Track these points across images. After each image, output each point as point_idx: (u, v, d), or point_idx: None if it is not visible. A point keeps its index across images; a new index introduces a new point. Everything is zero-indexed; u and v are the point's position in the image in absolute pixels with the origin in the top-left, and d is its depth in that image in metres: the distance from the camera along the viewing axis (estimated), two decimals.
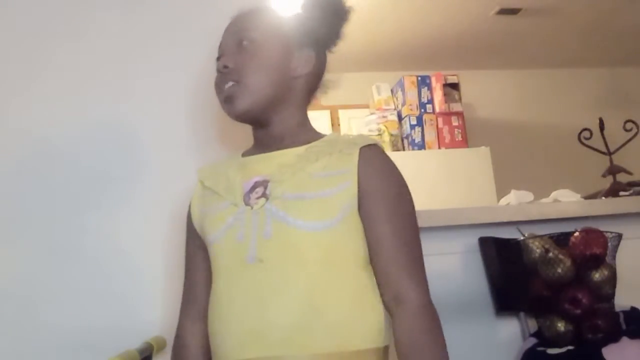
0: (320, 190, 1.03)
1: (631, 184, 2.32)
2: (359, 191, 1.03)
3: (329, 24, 1.16)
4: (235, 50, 1.11)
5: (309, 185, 1.03)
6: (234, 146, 1.35)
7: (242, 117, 1.12)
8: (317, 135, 1.14)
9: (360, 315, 1.02)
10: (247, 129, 1.19)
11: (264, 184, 1.06)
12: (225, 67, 1.09)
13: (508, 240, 1.70)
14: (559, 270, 1.56)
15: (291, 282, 1.00)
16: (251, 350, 0.99)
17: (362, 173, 1.04)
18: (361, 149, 1.06)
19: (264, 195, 1.05)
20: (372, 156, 1.07)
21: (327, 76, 1.24)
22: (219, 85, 1.12)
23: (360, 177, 1.04)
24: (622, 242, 1.63)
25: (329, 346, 0.98)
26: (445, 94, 4.16)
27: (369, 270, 1.05)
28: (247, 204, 1.05)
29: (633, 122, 2.53)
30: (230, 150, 1.34)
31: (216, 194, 1.11)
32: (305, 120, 1.17)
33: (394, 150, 4.05)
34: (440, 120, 4.13)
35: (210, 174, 1.17)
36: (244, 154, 1.17)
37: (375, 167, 1.06)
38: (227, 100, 1.10)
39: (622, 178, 2.42)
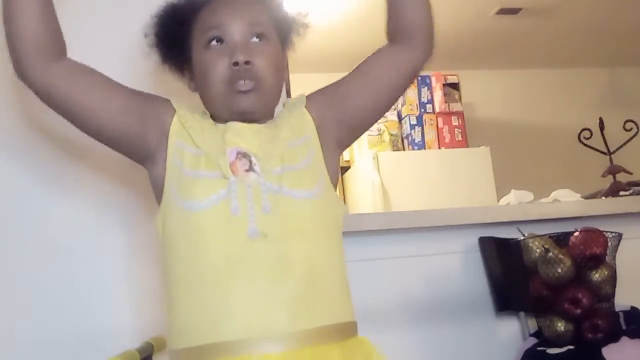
0: (300, 160, 1.07)
1: (631, 184, 2.32)
2: (323, 123, 1.14)
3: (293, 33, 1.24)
4: (249, 45, 1.10)
5: (291, 157, 1.07)
6: None
7: (248, 114, 1.10)
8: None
9: (345, 288, 1.07)
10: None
11: (247, 157, 1.05)
12: (248, 62, 1.08)
13: (508, 240, 1.70)
14: (559, 270, 1.56)
15: (296, 256, 1.00)
16: (256, 328, 0.96)
17: (318, 116, 1.14)
18: (306, 105, 1.16)
19: (251, 169, 1.04)
20: (312, 100, 1.17)
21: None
22: (232, 78, 1.08)
23: (319, 120, 1.14)
24: (622, 242, 1.63)
25: (328, 319, 1.00)
26: (445, 94, 4.16)
27: (343, 247, 1.11)
28: (235, 175, 1.03)
29: (633, 122, 2.53)
30: None
31: (201, 158, 1.06)
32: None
33: (394, 150, 4.05)
34: (440, 120, 4.12)
35: (194, 124, 1.11)
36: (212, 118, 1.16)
37: (318, 95, 1.19)
38: (243, 94, 1.08)
39: (622, 178, 2.42)
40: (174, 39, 1.17)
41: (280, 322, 0.97)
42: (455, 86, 4.20)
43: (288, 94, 1.66)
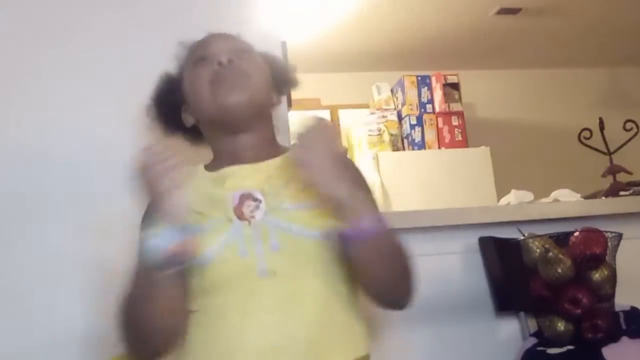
0: (312, 199, 1.03)
1: (631, 184, 2.32)
2: None
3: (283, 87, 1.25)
4: (233, 56, 1.13)
5: (303, 195, 1.04)
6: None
7: (238, 109, 1.10)
8: (285, 148, 1.17)
9: (358, 322, 1.06)
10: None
11: (252, 196, 1.04)
12: (231, 61, 1.11)
13: (508, 240, 1.70)
14: (559, 270, 1.55)
15: (307, 292, 1.00)
16: None
17: None
18: None
19: (258, 208, 1.03)
20: (345, 165, 1.07)
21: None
22: (217, 75, 1.10)
23: None
24: (622, 242, 1.63)
25: (342, 356, 0.99)
26: (445, 94, 4.16)
27: (355, 280, 1.08)
28: (241, 218, 1.03)
29: (633, 122, 2.52)
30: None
31: (196, 213, 1.04)
32: (274, 138, 1.21)
33: (394, 150, 4.05)
34: (440, 120, 4.13)
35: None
36: (209, 168, 1.15)
37: (351, 175, 1.07)
38: (228, 88, 1.09)
39: (622, 178, 2.42)
40: (174, 105, 1.20)
41: (294, 356, 0.96)
42: (455, 86, 4.20)
43: (289, 103, 1.66)
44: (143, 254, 0.95)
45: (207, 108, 1.12)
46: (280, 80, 1.23)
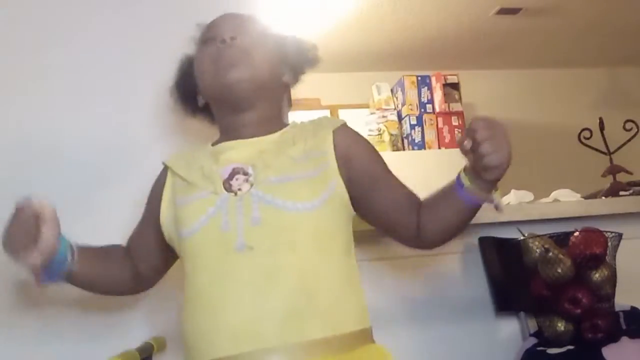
0: (304, 171, 1.05)
1: (631, 184, 2.32)
2: (345, 163, 1.10)
3: (299, 65, 1.27)
4: (236, 33, 1.14)
5: (293, 168, 1.05)
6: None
7: (239, 86, 1.11)
8: (285, 125, 1.19)
9: (349, 296, 1.04)
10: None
11: (243, 170, 1.05)
12: (233, 38, 1.13)
13: (508, 240, 1.70)
14: (559, 270, 1.55)
15: (284, 268, 0.98)
16: (246, 343, 0.95)
17: (342, 148, 1.11)
18: (333, 131, 1.13)
19: (247, 181, 1.04)
20: (345, 133, 1.16)
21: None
22: (218, 55, 1.12)
23: (342, 153, 1.10)
24: (622, 242, 1.63)
25: (323, 331, 0.97)
26: (445, 94, 4.16)
27: (352, 253, 1.09)
28: (229, 191, 1.04)
29: (633, 122, 2.52)
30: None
31: (190, 184, 1.08)
32: (279, 115, 1.22)
33: (393, 150, 4.05)
34: (440, 120, 4.13)
35: (181, 163, 1.15)
36: (213, 144, 1.18)
37: (353, 139, 1.18)
38: (230, 66, 1.10)
39: (622, 178, 2.42)
40: (192, 87, 1.22)
41: (269, 335, 0.95)
42: (455, 86, 4.21)
43: (289, 103, 1.66)
44: None
45: (210, 87, 1.15)
46: (297, 59, 1.24)
